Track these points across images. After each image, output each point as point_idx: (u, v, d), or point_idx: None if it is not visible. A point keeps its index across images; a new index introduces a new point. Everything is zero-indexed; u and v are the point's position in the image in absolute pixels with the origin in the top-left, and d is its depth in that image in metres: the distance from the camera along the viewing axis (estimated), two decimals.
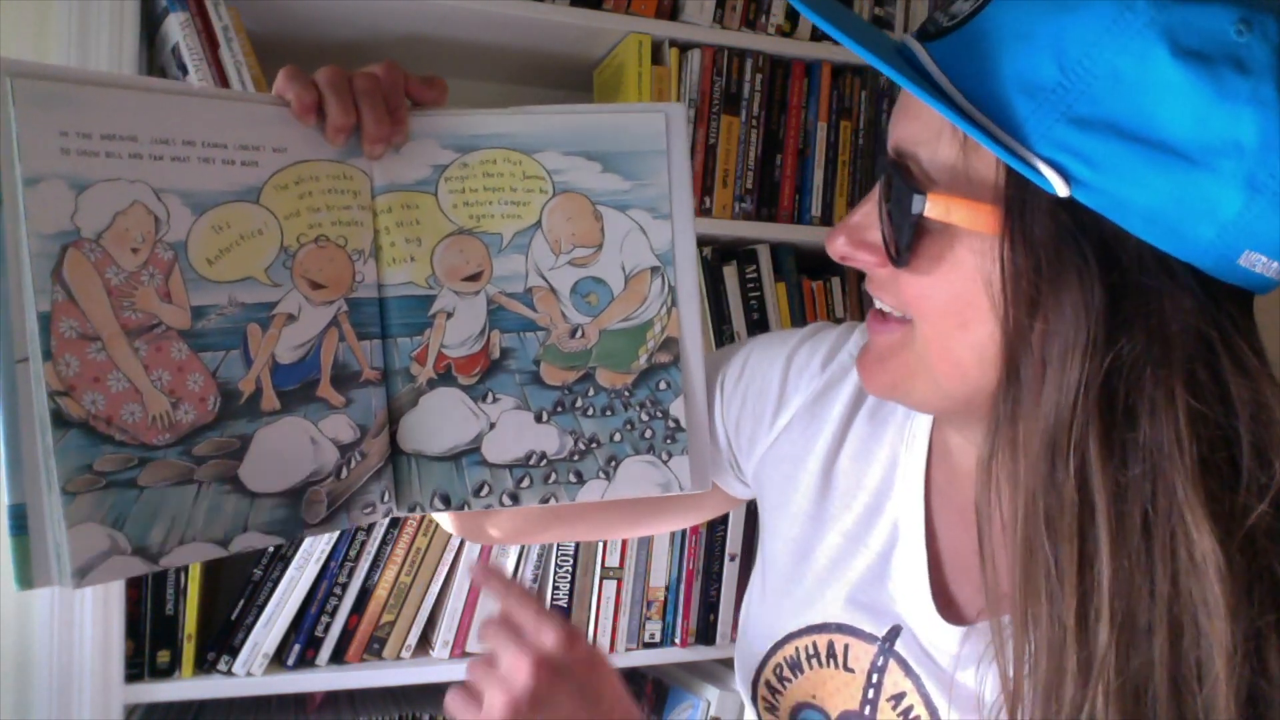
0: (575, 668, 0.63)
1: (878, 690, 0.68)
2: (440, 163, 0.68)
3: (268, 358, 0.62)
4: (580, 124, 0.70)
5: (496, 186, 0.69)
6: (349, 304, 0.65)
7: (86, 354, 0.55)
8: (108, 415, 0.55)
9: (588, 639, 0.64)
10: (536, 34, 1.45)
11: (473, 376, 0.68)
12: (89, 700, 1.20)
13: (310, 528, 0.63)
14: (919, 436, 0.71)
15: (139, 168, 0.57)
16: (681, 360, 0.71)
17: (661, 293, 0.71)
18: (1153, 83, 0.51)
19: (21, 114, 0.53)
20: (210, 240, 0.60)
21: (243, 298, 0.61)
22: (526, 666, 0.61)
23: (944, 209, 0.56)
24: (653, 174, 0.70)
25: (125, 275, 0.57)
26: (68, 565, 0.53)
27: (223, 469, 0.59)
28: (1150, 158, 0.52)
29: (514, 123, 0.69)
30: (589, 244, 0.70)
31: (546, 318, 0.70)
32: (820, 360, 0.77)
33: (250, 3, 1.33)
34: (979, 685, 0.62)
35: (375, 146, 0.65)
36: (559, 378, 0.70)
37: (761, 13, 1.53)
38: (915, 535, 0.69)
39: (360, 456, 0.65)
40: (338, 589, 1.33)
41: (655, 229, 0.71)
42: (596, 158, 0.70)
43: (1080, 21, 0.52)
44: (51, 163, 0.54)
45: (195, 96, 0.60)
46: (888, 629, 0.68)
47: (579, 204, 0.70)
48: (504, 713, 0.60)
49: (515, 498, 0.68)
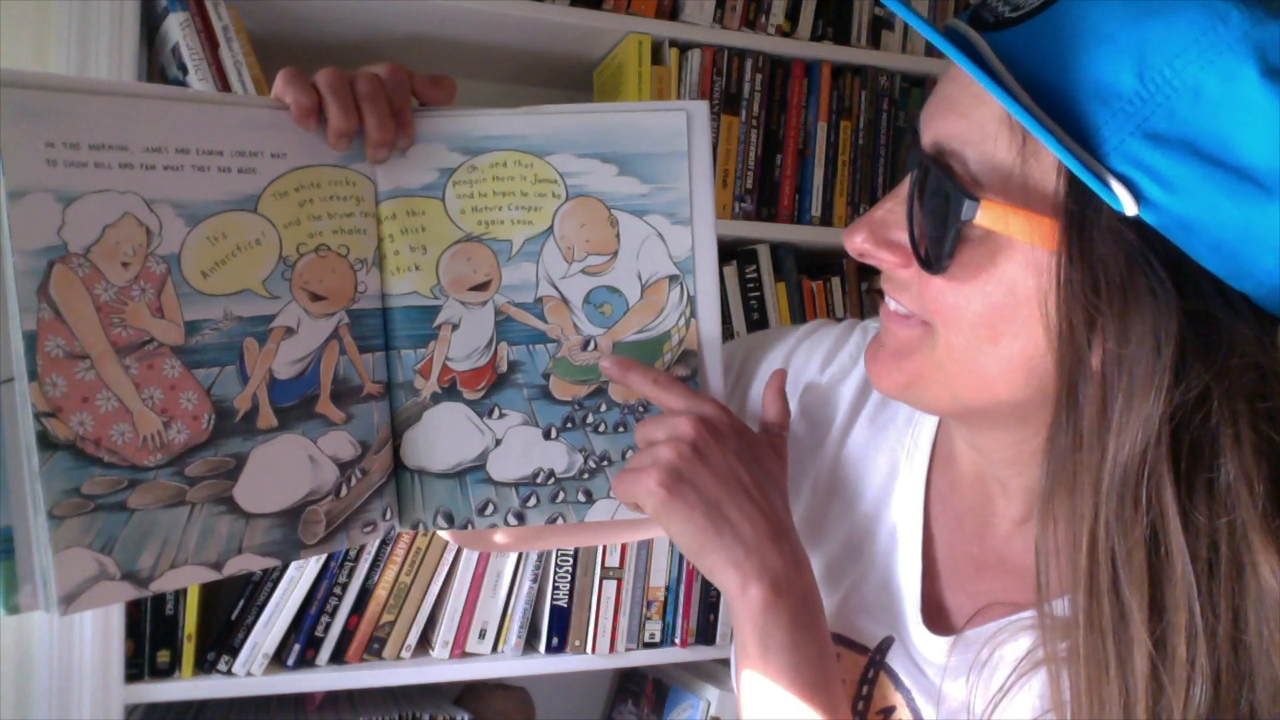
0: (732, 434, 0.63)
1: (867, 703, 0.66)
2: (448, 166, 0.65)
3: (265, 373, 0.60)
4: (596, 124, 0.66)
5: (506, 191, 0.66)
6: (350, 316, 0.63)
7: (74, 373, 0.53)
8: (96, 436, 0.54)
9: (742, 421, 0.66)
10: (536, 34, 1.45)
11: (478, 391, 0.66)
12: (89, 700, 1.21)
13: (308, 549, 0.61)
14: (922, 444, 0.69)
15: (130, 178, 0.55)
16: (700, 375, 0.68)
17: (680, 303, 0.68)
18: (1237, 103, 0.48)
19: (5, 125, 0.51)
20: (205, 252, 0.58)
21: (239, 311, 0.59)
22: (689, 420, 0.62)
23: (999, 218, 0.52)
24: (673, 177, 0.67)
25: (115, 290, 0.55)
26: (54, 592, 0.52)
27: (217, 489, 0.58)
28: (1225, 183, 0.48)
29: (526, 123, 0.66)
30: (603, 251, 0.67)
31: (557, 329, 0.67)
32: (819, 361, 0.75)
33: (250, 3, 1.32)
34: (969, 695, 0.61)
35: (379, 151, 0.63)
36: (569, 392, 0.67)
37: (761, 13, 1.53)
38: (912, 543, 0.67)
39: (361, 474, 0.63)
40: (338, 589, 1.33)
41: (674, 235, 0.67)
42: (612, 160, 0.66)
43: (1167, 29, 0.49)
44: (37, 175, 0.52)
45: (189, 102, 0.58)
46: (880, 640, 0.67)
47: (593, 209, 0.67)
48: (670, 454, 0.60)
49: (521, 517, 0.66)
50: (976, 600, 0.65)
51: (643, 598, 1.49)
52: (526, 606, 1.44)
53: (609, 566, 1.47)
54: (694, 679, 1.56)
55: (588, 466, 0.67)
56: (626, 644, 1.48)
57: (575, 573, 1.46)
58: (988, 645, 0.61)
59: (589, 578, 1.46)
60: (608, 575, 1.47)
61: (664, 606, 1.50)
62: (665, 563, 1.50)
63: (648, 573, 1.49)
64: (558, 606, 1.45)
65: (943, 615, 0.66)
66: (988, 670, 0.61)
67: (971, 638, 0.62)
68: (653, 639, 1.50)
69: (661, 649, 1.51)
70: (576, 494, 0.67)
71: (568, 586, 1.45)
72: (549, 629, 1.45)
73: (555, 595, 1.45)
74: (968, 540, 0.67)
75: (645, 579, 1.49)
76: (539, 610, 1.46)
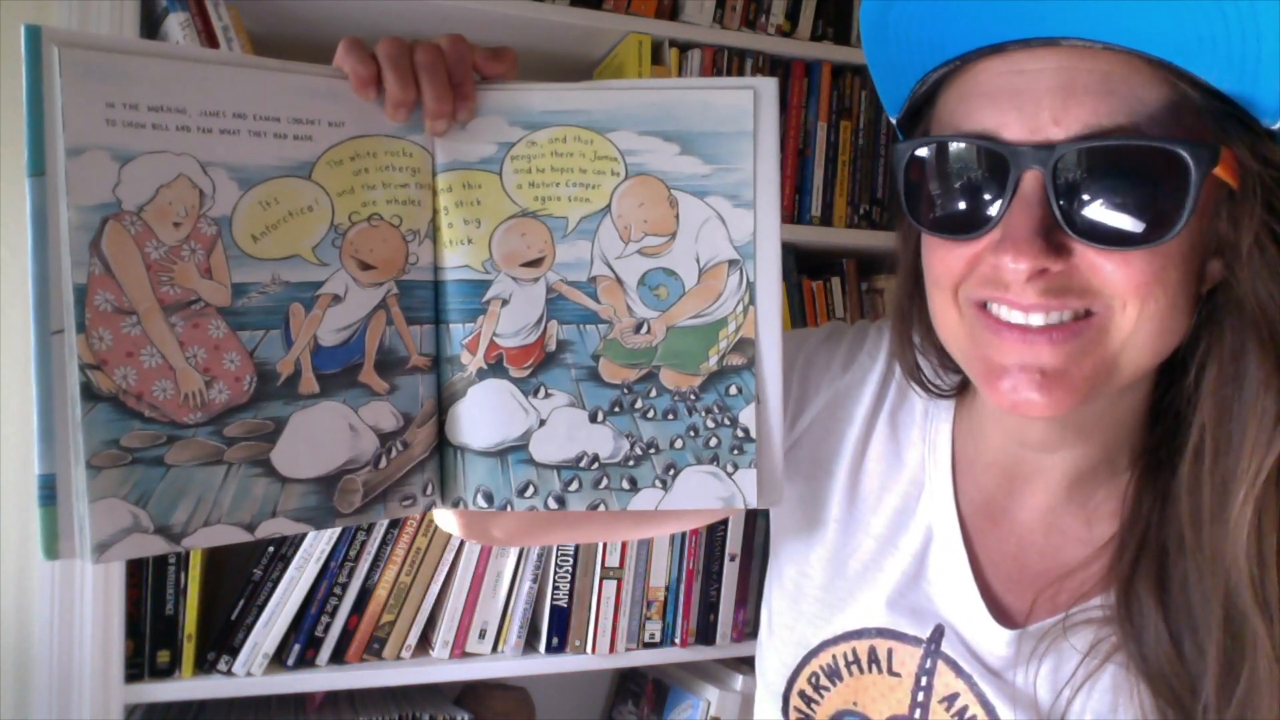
0: None
1: (928, 693, 0.67)
2: (507, 140, 0.64)
3: (309, 339, 0.60)
4: (659, 101, 0.64)
5: (565, 167, 0.64)
6: (400, 286, 0.63)
7: (121, 328, 0.54)
8: (138, 391, 0.55)
9: None
10: (536, 34, 1.45)
11: (525, 369, 0.64)
12: (89, 700, 1.22)
13: (343, 517, 0.61)
14: (942, 441, 0.70)
15: (186, 140, 0.56)
16: (756, 364, 0.65)
17: (739, 289, 0.65)
18: None
19: (68, 84, 0.53)
20: (257, 216, 0.58)
21: (287, 276, 0.59)
22: None
23: (1228, 161, 0.55)
24: (737, 157, 0.64)
25: (165, 250, 0.56)
26: (88, 540, 0.53)
27: (254, 451, 0.58)
28: None
29: (587, 99, 0.64)
30: (661, 232, 0.65)
31: (610, 310, 0.65)
32: (840, 362, 0.74)
33: (250, 3, 1.34)
34: (1028, 685, 0.63)
35: (437, 123, 0.62)
36: (619, 375, 0.65)
37: (761, 13, 1.53)
38: (952, 537, 0.68)
39: (403, 446, 0.63)
40: (338, 589, 1.33)
41: (736, 218, 0.64)
42: (674, 138, 0.64)
43: None
44: (96, 134, 0.53)
45: (249, 68, 0.58)
46: (930, 630, 0.67)
47: (653, 188, 0.64)
48: None
49: (562, 501, 0.64)
50: (1023, 592, 0.66)
51: (643, 598, 1.48)
52: (526, 606, 1.43)
53: (609, 566, 1.46)
54: (694, 679, 1.56)
55: (634, 453, 0.65)
56: (626, 644, 1.47)
57: (575, 573, 1.44)
58: (1054, 635, 0.63)
59: (589, 578, 1.45)
60: (608, 575, 1.45)
61: (664, 606, 1.49)
62: (665, 563, 1.49)
63: (648, 573, 1.48)
64: (558, 606, 1.44)
65: (999, 607, 0.67)
66: (1058, 659, 0.63)
67: (1036, 632, 0.64)
68: (653, 639, 1.49)
69: (661, 649, 1.50)
70: (620, 481, 0.64)
71: (568, 586, 1.44)
72: (549, 629, 1.44)
73: (555, 595, 1.44)
74: (1003, 535, 0.68)
75: (645, 579, 1.48)
76: (539, 610, 1.45)
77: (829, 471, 0.73)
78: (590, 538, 0.83)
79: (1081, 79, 0.55)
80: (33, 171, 0.53)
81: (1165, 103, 0.55)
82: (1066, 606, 0.64)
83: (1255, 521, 0.56)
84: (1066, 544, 0.67)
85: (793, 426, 0.74)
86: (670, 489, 0.65)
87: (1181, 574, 0.60)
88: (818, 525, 0.73)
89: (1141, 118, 0.54)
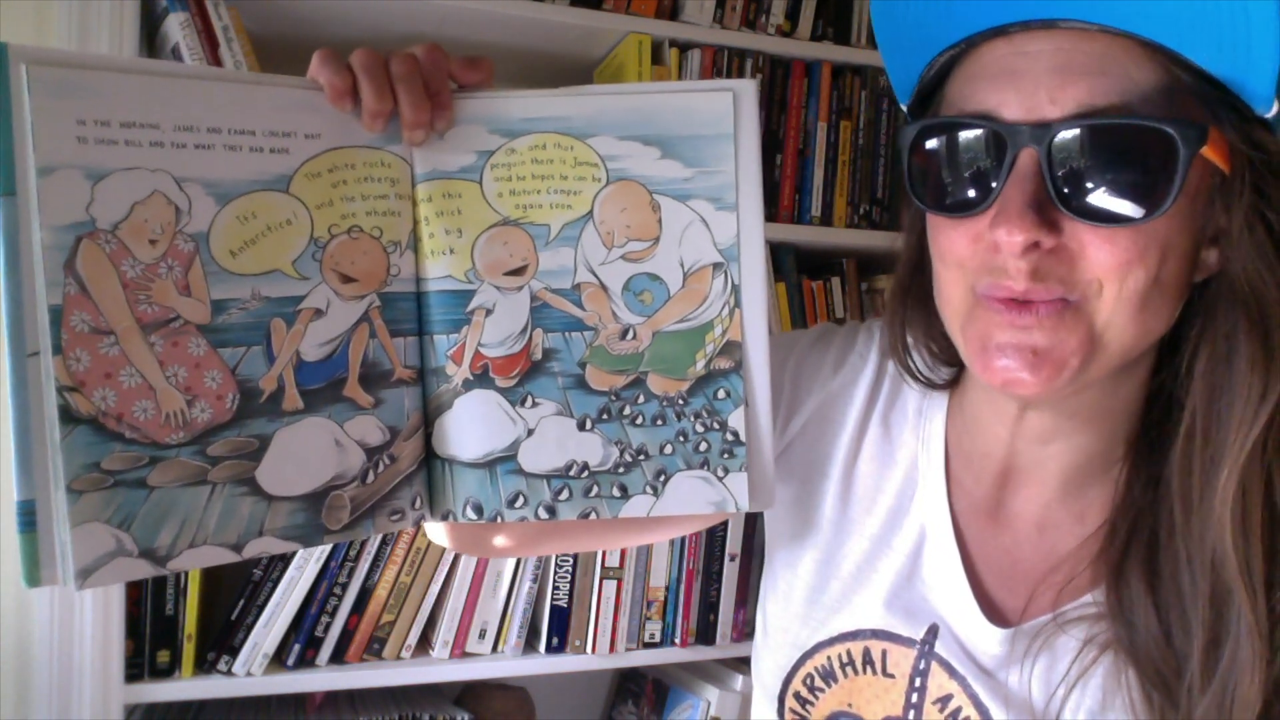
0: None
1: (922, 694, 0.67)
2: (486, 148, 0.63)
3: (291, 355, 0.59)
4: (638, 105, 0.64)
5: (546, 174, 0.64)
6: (382, 299, 0.62)
7: (98, 349, 0.53)
8: (118, 412, 0.54)
9: None
10: (536, 34, 1.45)
11: (511, 378, 0.64)
12: (89, 700, 1.21)
13: (331, 534, 0.60)
14: (935, 439, 0.70)
15: (160, 156, 0.55)
16: (744, 367, 0.65)
17: (724, 292, 0.65)
18: None
19: (37, 102, 0.52)
20: (235, 231, 0.57)
21: (267, 291, 0.58)
22: None
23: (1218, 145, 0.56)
24: (717, 160, 0.64)
25: (142, 268, 0.55)
26: (71, 566, 0.52)
27: (239, 470, 0.57)
28: None
29: (566, 105, 0.64)
30: (645, 237, 0.64)
31: (595, 317, 0.64)
32: (831, 364, 0.75)
33: (250, 3, 1.33)
34: (1022, 685, 0.64)
35: (415, 132, 0.62)
36: (606, 382, 0.64)
37: (761, 13, 1.54)
38: (945, 536, 0.68)
39: (389, 460, 0.62)
40: (338, 589, 1.33)
41: (719, 221, 0.64)
42: (655, 142, 0.64)
43: None
44: (67, 152, 0.52)
45: (223, 82, 0.58)
46: (924, 630, 0.68)
47: (635, 193, 0.64)
48: None
49: (552, 510, 0.64)
50: (1016, 589, 0.66)
51: (643, 598, 1.48)
52: (526, 606, 1.43)
53: (609, 566, 1.46)
54: (694, 679, 1.56)
55: (624, 460, 0.64)
56: (626, 644, 1.47)
57: (575, 573, 1.45)
58: (1047, 633, 0.63)
59: (589, 578, 1.45)
60: (608, 575, 1.46)
61: (664, 606, 1.50)
62: (665, 563, 1.49)
63: (648, 573, 1.48)
64: (558, 606, 1.44)
65: (992, 607, 0.67)
66: (1052, 657, 0.63)
67: (1029, 630, 0.64)
68: (653, 639, 1.49)
69: (661, 649, 1.50)
70: (611, 488, 0.64)
71: (568, 586, 1.44)
72: (549, 629, 1.44)
73: (555, 595, 1.44)
74: (997, 532, 0.68)
75: (645, 579, 1.48)
76: (539, 610, 1.45)
77: (822, 473, 0.73)
78: (586, 548, 0.82)
79: (1078, 60, 0.56)
80: (3, 191, 0.51)
81: (1158, 84, 0.55)
82: (1060, 603, 0.64)
83: (1239, 494, 0.57)
84: (1060, 540, 0.67)
85: (785, 429, 0.74)
86: (661, 495, 0.64)
87: (1172, 557, 0.61)
88: (812, 527, 0.73)
89: (1134, 98, 0.55)
